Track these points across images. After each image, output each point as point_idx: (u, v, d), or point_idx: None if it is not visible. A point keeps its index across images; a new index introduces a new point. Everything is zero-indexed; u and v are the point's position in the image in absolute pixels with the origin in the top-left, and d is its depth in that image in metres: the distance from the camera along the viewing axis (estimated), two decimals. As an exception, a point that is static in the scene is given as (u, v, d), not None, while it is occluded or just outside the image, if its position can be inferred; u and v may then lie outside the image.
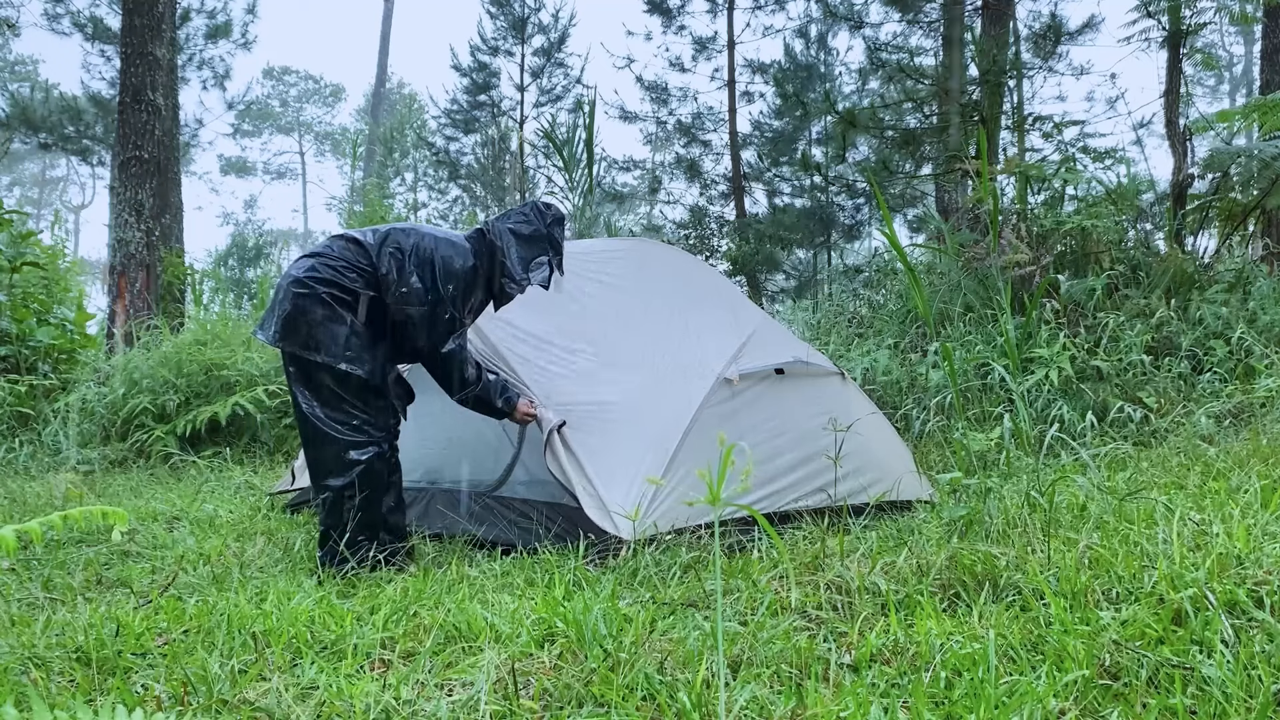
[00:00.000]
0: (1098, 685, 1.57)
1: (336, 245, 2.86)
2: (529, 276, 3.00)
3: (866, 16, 10.87)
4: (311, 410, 2.79)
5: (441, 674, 1.78)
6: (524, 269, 2.99)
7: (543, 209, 3.10)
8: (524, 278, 2.99)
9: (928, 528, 2.71)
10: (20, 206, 23.01)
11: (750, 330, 3.62)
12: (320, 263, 2.80)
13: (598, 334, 3.47)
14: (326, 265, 2.79)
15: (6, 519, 3.78)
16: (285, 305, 2.76)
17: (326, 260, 2.81)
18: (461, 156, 15.45)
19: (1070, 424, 4.58)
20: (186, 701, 1.68)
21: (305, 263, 2.83)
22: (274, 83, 38.87)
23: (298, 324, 2.75)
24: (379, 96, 30.20)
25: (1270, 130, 6.38)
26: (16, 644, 2.05)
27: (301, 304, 2.75)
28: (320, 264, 2.80)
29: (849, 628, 1.94)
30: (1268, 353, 4.75)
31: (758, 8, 13.29)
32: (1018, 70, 9.17)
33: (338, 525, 2.76)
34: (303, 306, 2.74)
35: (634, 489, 2.80)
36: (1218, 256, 6.41)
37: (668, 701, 1.58)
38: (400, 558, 2.84)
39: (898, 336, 6.26)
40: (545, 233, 3.05)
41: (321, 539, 2.82)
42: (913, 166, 9.37)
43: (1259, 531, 2.14)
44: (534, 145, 14.21)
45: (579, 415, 3.12)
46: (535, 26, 14.87)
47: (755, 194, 14.31)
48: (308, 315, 2.74)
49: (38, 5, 19.21)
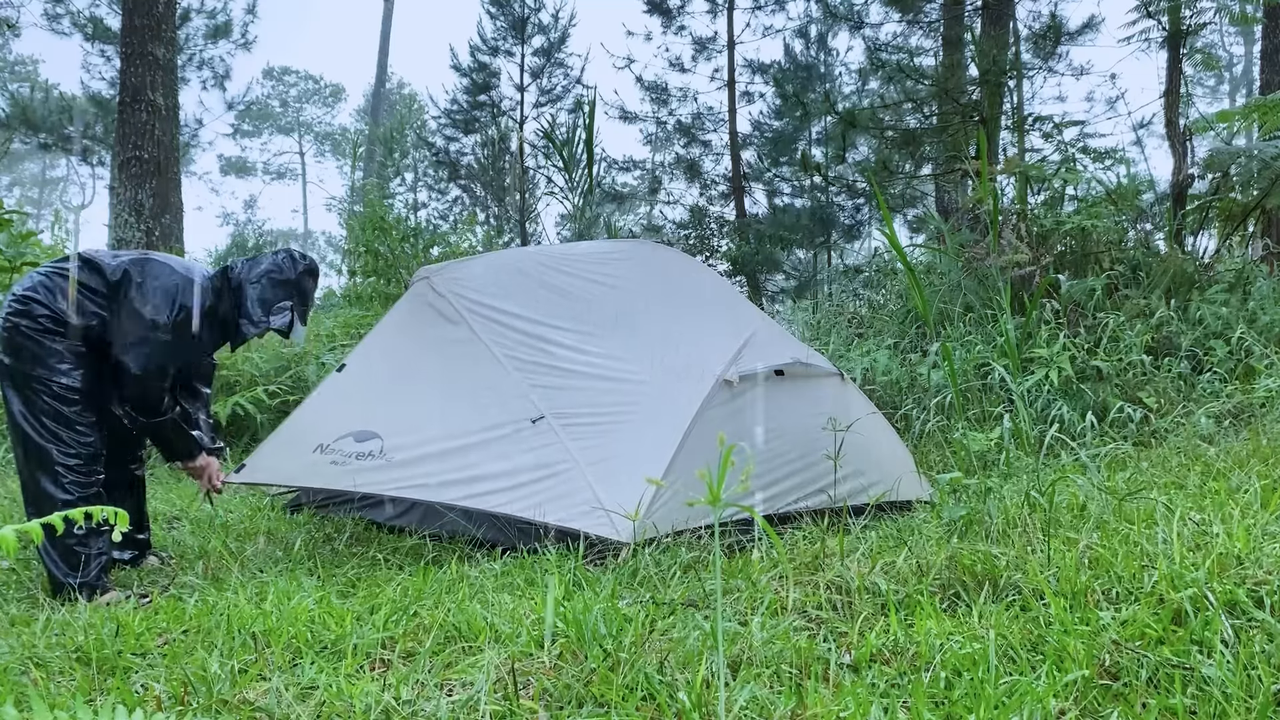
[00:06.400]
0: (1098, 685, 1.57)
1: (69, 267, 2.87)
2: (268, 320, 2.99)
3: (866, 16, 10.88)
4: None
5: (441, 674, 1.78)
6: (264, 312, 2.98)
7: (297, 258, 3.11)
8: (263, 320, 2.98)
9: (928, 528, 2.71)
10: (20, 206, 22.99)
11: (750, 332, 3.62)
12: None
13: (597, 336, 3.47)
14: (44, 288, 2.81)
15: (6, 519, 3.78)
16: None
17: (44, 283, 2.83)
18: (461, 157, 15.44)
19: (1070, 424, 4.58)
20: (186, 701, 1.68)
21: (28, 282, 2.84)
22: (274, 83, 38.87)
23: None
24: (379, 96, 30.20)
25: (1270, 130, 6.38)
26: (16, 644, 2.05)
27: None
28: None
29: (849, 628, 1.94)
30: (1268, 353, 4.75)
31: (758, 8, 13.30)
32: (1018, 70, 9.17)
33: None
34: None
35: (634, 490, 2.80)
36: (1218, 256, 6.41)
37: (668, 701, 1.58)
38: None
39: (898, 336, 6.26)
40: (294, 280, 3.06)
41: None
42: (913, 166, 9.37)
43: (1259, 531, 2.13)
44: (534, 145, 14.22)
45: (579, 417, 3.12)
46: (535, 26, 14.86)
47: (755, 194, 14.33)
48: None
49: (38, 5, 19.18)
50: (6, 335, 2.74)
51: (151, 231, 8.24)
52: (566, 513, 2.85)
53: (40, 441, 2.71)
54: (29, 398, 2.72)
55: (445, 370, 3.48)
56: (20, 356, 2.73)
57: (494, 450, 3.12)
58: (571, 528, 2.79)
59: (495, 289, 3.68)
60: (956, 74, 8.82)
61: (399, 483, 3.19)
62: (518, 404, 3.20)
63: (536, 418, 3.13)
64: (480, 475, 3.07)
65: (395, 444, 3.28)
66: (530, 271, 3.81)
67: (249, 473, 3.53)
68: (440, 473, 3.14)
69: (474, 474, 3.09)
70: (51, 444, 2.71)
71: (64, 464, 2.71)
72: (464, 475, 3.10)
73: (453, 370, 3.45)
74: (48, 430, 2.71)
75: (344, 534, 3.37)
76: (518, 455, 3.08)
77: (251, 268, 3.04)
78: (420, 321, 3.71)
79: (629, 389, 3.22)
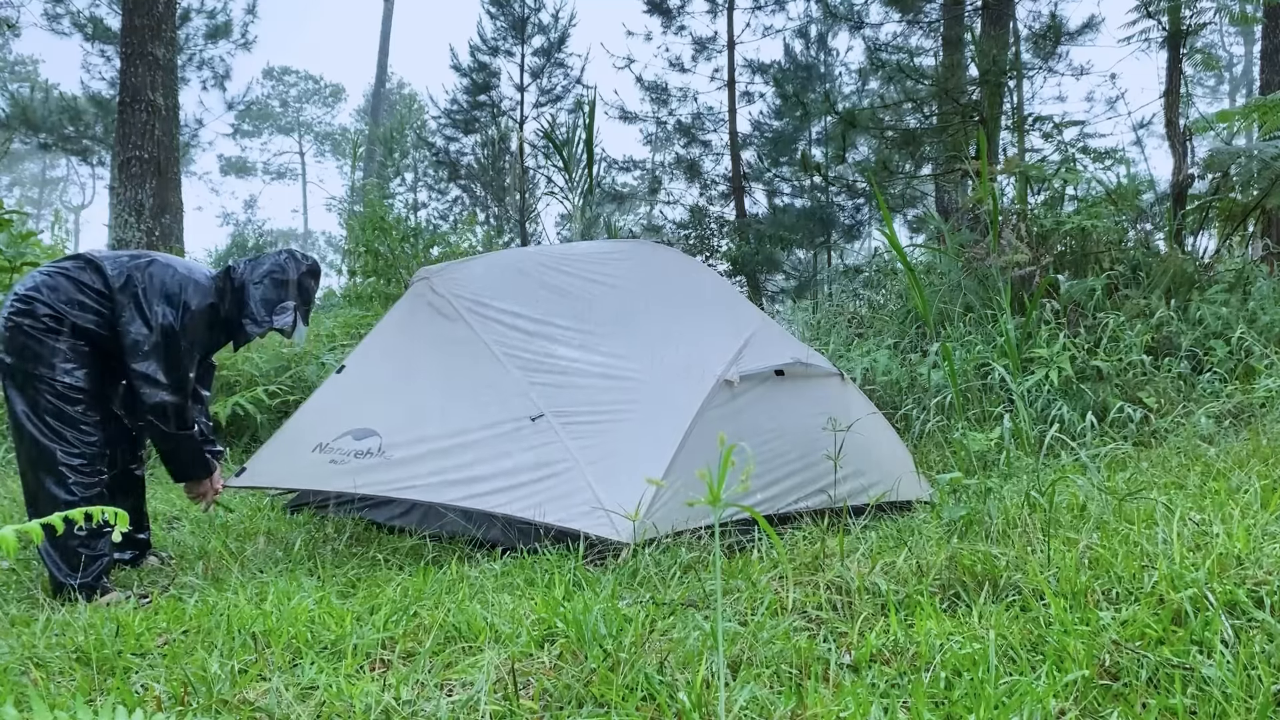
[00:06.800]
0: (1098, 685, 1.57)
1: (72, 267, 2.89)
2: (271, 319, 3.02)
3: (866, 16, 10.88)
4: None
5: (441, 674, 1.78)
6: (267, 311, 3.02)
7: (299, 258, 3.15)
8: (266, 320, 3.02)
9: (928, 528, 2.71)
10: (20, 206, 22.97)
11: (750, 332, 3.62)
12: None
13: (597, 336, 3.47)
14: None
15: (6, 519, 3.78)
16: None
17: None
18: (461, 157, 15.44)
19: (1070, 424, 4.58)
20: (186, 701, 1.68)
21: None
22: (274, 83, 38.87)
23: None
24: (379, 96, 30.19)
25: (1270, 130, 6.38)
26: (16, 644, 2.05)
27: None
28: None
29: (849, 628, 1.94)
30: (1268, 353, 4.75)
31: (758, 8, 13.30)
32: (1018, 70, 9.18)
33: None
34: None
35: (634, 490, 2.80)
36: (1218, 256, 6.41)
37: (668, 701, 1.58)
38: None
39: (898, 336, 6.26)
40: (297, 280, 3.10)
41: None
42: (913, 166, 9.38)
43: (1259, 532, 2.13)
44: (534, 145, 14.22)
45: (579, 416, 3.12)
46: (535, 26, 14.86)
47: (755, 194, 14.33)
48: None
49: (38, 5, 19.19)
50: (9, 334, 2.75)
51: (151, 231, 8.24)
52: (566, 513, 2.85)
53: (44, 441, 2.71)
54: (32, 397, 2.72)
55: (445, 369, 3.48)
56: (23, 356, 2.73)
57: (494, 448, 3.12)
58: (571, 528, 2.79)
59: (495, 289, 3.68)
60: (956, 74, 8.83)
61: (398, 483, 3.19)
62: (518, 402, 3.20)
63: (536, 415, 3.12)
64: (479, 475, 3.07)
65: (394, 441, 3.28)
66: (530, 271, 3.81)
67: (250, 476, 3.53)
68: (440, 471, 3.13)
69: (473, 474, 3.08)
70: (55, 444, 2.71)
71: (68, 464, 2.71)
72: (463, 475, 3.09)
73: (452, 369, 3.45)
74: (51, 430, 2.71)
75: (344, 534, 3.37)
76: (518, 454, 3.07)
77: (254, 268, 3.06)
78: (419, 321, 3.71)
79: (629, 388, 3.22)
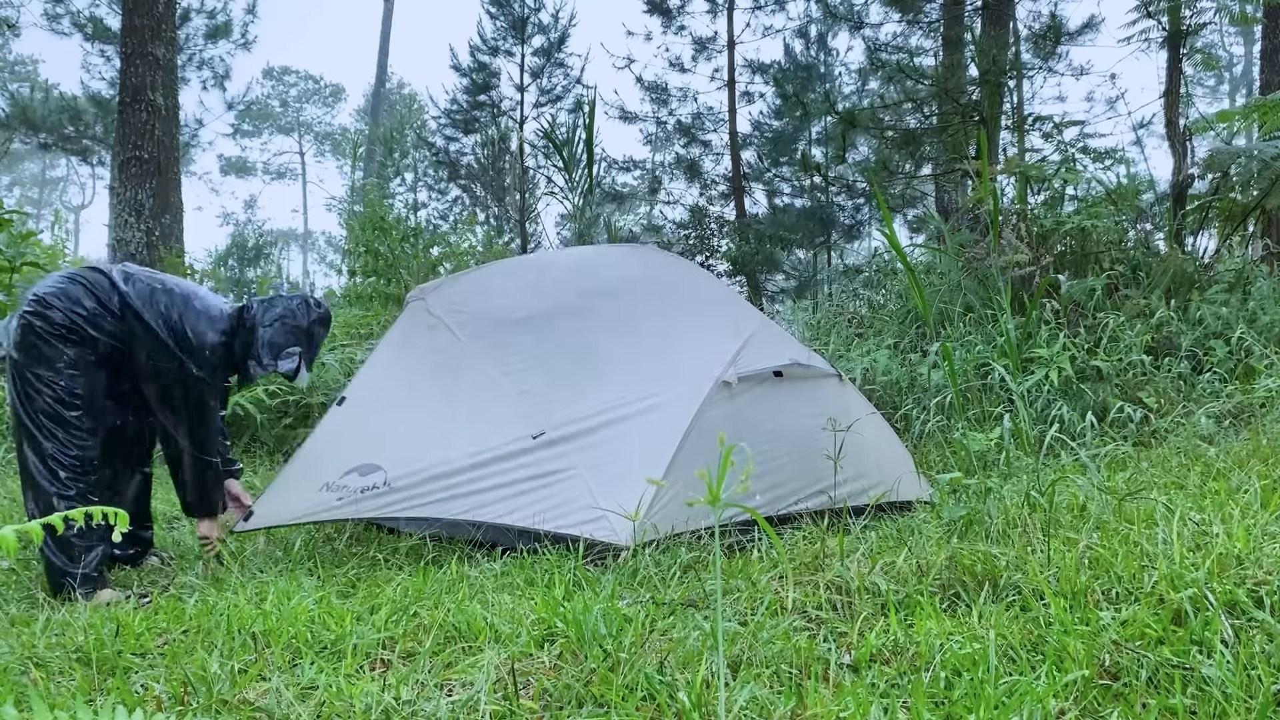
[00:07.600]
0: (1098, 685, 1.57)
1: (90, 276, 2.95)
2: (276, 363, 3.10)
3: (866, 17, 10.88)
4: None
5: (441, 674, 1.78)
6: (272, 355, 3.10)
7: (311, 305, 3.22)
8: (270, 364, 3.10)
9: (927, 528, 2.71)
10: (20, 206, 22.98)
11: (748, 333, 3.62)
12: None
13: (596, 339, 3.47)
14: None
15: (6, 519, 3.79)
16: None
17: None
18: (461, 157, 15.43)
19: (1070, 424, 4.58)
20: (186, 701, 1.68)
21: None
22: (274, 83, 38.86)
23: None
24: (379, 96, 30.19)
25: (1270, 130, 6.39)
26: (16, 644, 2.05)
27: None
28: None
29: (849, 628, 1.94)
30: (1268, 353, 4.75)
31: (758, 8, 13.30)
32: (1018, 70, 9.18)
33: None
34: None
35: (633, 492, 2.80)
36: (1218, 256, 6.41)
37: (668, 701, 1.58)
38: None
39: (898, 336, 6.26)
40: (305, 328, 3.17)
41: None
42: (913, 166, 9.38)
43: (1259, 532, 2.13)
44: (534, 145, 14.20)
45: (578, 423, 3.11)
46: (535, 26, 14.85)
47: (755, 194, 14.32)
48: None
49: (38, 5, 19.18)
50: (20, 333, 2.80)
51: (151, 231, 8.24)
52: (567, 519, 2.85)
53: (39, 437, 2.77)
54: (31, 395, 2.78)
55: (445, 394, 3.43)
56: (30, 355, 2.79)
57: (496, 468, 3.11)
58: (572, 534, 2.79)
59: (491, 303, 3.64)
60: (956, 74, 8.83)
61: (403, 504, 3.18)
62: (519, 423, 3.15)
63: (537, 434, 3.10)
64: (481, 489, 3.06)
65: (398, 474, 3.23)
66: (527, 279, 3.80)
67: (257, 520, 3.48)
68: (443, 489, 3.12)
69: (475, 487, 3.07)
70: (49, 441, 2.77)
71: (58, 459, 2.77)
72: (466, 489, 3.08)
73: (452, 394, 3.41)
74: (45, 429, 2.77)
75: (344, 534, 3.37)
76: (518, 470, 3.06)
77: (266, 310, 3.14)
78: (417, 348, 3.65)
79: (628, 391, 3.22)
